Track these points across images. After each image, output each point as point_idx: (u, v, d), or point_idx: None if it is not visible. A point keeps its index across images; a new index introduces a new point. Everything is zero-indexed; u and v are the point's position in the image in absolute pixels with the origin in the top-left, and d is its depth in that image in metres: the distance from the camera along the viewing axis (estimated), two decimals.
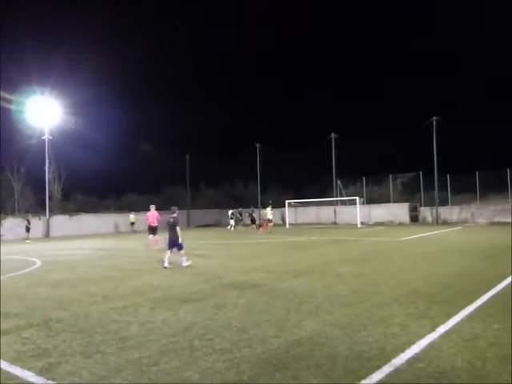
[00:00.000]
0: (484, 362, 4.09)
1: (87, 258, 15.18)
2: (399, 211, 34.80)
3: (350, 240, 19.61)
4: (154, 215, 17.34)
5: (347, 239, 20.03)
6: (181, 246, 11.55)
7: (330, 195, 37.64)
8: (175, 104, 63.41)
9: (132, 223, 34.41)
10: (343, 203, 37.60)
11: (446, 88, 50.99)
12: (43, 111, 33.02)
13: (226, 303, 6.83)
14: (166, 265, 11.22)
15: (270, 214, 28.56)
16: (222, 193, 48.66)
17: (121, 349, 4.74)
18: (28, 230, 26.89)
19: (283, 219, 36.79)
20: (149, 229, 17.45)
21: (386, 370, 3.91)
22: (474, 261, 11.20)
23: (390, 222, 34.40)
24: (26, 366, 4.31)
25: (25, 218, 28.60)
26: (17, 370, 4.20)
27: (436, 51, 58.92)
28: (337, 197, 37.75)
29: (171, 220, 11.70)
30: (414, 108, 53.08)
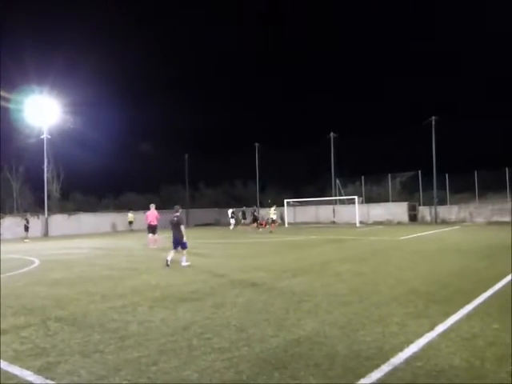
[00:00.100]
0: (483, 361, 4.10)
1: (86, 257, 15.17)
2: (398, 210, 34.82)
3: (348, 239, 19.62)
4: (154, 214, 17.37)
5: (346, 238, 20.04)
6: (185, 244, 11.57)
7: (329, 194, 37.62)
8: (174, 104, 63.35)
9: (130, 222, 34.46)
10: (342, 202, 37.59)
11: (446, 88, 51.06)
12: (42, 110, 32.91)
13: (224, 302, 6.83)
14: (169, 263, 11.29)
15: (273, 213, 28.55)
16: (221, 192, 48.63)
17: (120, 348, 4.74)
18: (27, 229, 26.85)
19: (282, 218, 36.79)
20: (148, 228, 17.45)
21: (384, 369, 3.92)
22: (473, 260, 11.21)
23: (388, 221, 34.42)
24: (25, 365, 4.31)
25: (23, 217, 28.55)
26: (16, 370, 4.20)
27: (436, 51, 58.98)
28: (336, 196, 37.73)
29: (175, 219, 11.69)
30: (414, 108, 53.06)
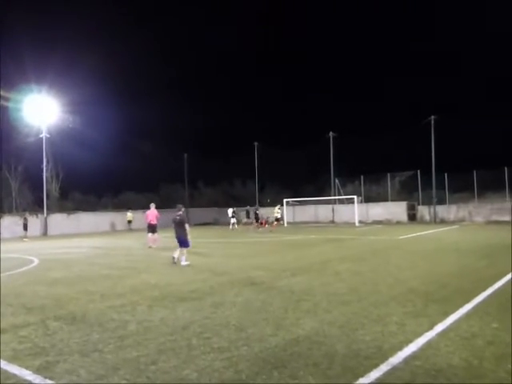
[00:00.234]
0: (481, 360, 4.10)
1: (85, 256, 15.16)
2: (397, 210, 34.84)
3: (347, 238, 19.62)
4: (154, 213, 17.38)
5: (345, 238, 20.04)
6: (187, 243, 11.60)
7: (328, 194, 37.64)
8: (174, 103, 63.47)
9: (129, 221, 34.45)
10: (341, 202, 37.58)
11: (446, 88, 51.07)
12: (41, 109, 32.89)
13: (224, 302, 6.83)
14: (175, 261, 11.43)
15: (277, 212, 28.65)
16: (221, 191, 48.62)
17: (119, 347, 4.74)
18: (26, 228, 26.83)
19: (281, 218, 36.77)
20: (148, 227, 17.44)
21: (383, 369, 3.92)
22: (472, 259, 11.22)
23: (387, 220, 34.44)
24: (24, 364, 4.30)
25: (22, 216, 28.51)
26: (15, 369, 4.19)
27: (436, 51, 58.98)
28: (335, 195, 37.73)
29: (177, 218, 11.70)
30: (413, 108, 53.11)
